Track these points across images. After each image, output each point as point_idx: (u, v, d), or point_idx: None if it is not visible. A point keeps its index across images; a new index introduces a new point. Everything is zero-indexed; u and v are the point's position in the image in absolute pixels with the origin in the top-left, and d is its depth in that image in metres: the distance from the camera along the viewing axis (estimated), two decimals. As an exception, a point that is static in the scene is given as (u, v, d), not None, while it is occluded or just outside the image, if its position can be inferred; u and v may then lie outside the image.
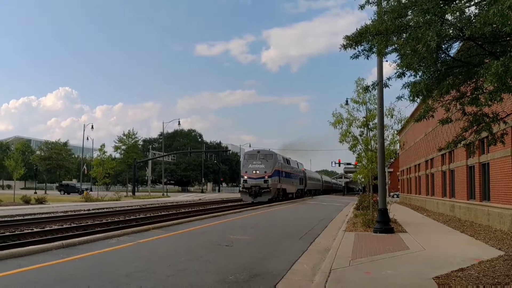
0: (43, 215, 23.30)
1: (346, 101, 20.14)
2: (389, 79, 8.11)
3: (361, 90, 18.16)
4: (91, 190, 61.22)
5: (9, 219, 20.84)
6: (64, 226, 18.21)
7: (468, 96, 8.23)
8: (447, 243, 13.44)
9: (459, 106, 8.80)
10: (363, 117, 18.87)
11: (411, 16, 6.63)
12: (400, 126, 19.97)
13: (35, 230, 16.73)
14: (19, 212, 24.16)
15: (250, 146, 78.81)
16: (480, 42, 6.83)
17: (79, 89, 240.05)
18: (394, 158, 43.66)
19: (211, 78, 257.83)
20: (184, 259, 10.49)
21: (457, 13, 6.15)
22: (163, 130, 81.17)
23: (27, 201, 33.39)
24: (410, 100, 7.58)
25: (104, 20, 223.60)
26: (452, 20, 6.37)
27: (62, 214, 24.53)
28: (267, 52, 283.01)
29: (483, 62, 6.99)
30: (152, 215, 25.14)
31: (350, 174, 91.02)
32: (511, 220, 15.43)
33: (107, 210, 27.98)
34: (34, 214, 23.66)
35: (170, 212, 27.60)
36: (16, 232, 15.80)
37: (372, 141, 19.06)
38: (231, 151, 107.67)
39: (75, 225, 18.85)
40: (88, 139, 71.75)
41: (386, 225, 15.64)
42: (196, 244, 13.08)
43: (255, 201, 38.66)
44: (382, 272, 8.78)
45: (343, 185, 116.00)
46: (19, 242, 13.24)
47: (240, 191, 42.70)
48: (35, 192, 55.62)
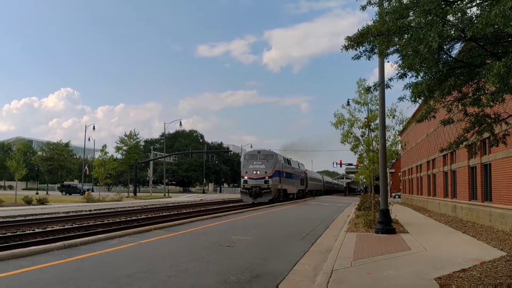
0: (45, 216, 23.31)
1: (348, 101, 20.14)
2: (390, 80, 8.12)
3: (362, 91, 18.19)
4: (93, 191, 61.34)
5: (11, 219, 20.88)
6: (66, 227, 18.23)
7: (470, 97, 8.22)
8: (449, 243, 13.43)
9: (460, 107, 8.78)
10: (365, 117, 18.88)
11: (413, 17, 6.62)
12: (401, 126, 19.97)
13: (36, 230, 16.75)
14: (21, 213, 24.19)
15: (252, 147, 78.65)
16: (482, 43, 6.82)
17: (81, 89, 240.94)
18: (395, 159, 43.69)
19: (213, 79, 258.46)
20: (185, 259, 10.50)
21: (458, 14, 6.15)
22: (165, 131, 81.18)
23: (28, 201, 33.43)
24: (412, 101, 7.60)
25: (106, 21, 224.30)
26: (454, 21, 6.37)
27: (64, 215, 24.56)
28: (268, 52, 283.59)
29: (485, 63, 6.98)
30: (153, 215, 25.17)
31: (351, 175, 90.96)
32: (513, 220, 15.41)
33: (109, 211, 28.00)
34: (36, 215, 23.69)
35: (172, 213, 27.63)
36: (18, 233, 15.83)
37: (373, 141, 19.05)
38: (232, 152, 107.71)
39: (77, 225, 18.87)
40: (89, 139, 72.06)
41: (387, 225, 15.63)
42: (197, 244, 13.09)
43: (255, 201, 38.26)
44: (384, 272, 8.79)
45: (344, 185, 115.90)
46: (21, 242, 13.26)
47: (240, 192, 42.31)
48: (37, 193, 55.70)
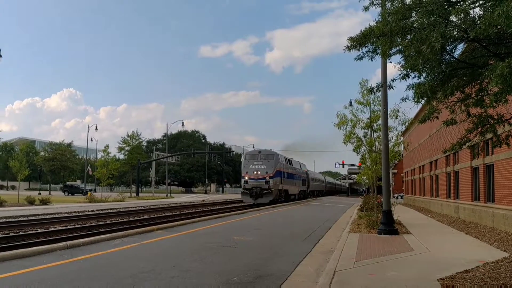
0: (47, 216, 23.35)
1: (350, 102, 20.14)
2: (393, 80, 8.12)
3: (365, 92, 18.16)
4: (95, 191, 61.43)
5: (13, 219, 20.94)
6: (69, 227, 18.26)
7: (472, 98, 8.21)
8: (452, 244, 13.41)
9: (463, 108, 8.78)
10: (367, 118, 18.85)
11: (416, 17, 6.62)
12: (404, 127, 19.95)
13: (39, 231, 16.79)
14: (24, 213, 24.24)
15: (254, 147, 78.63)
16: (484, 44, 6.82)
17: (83, 90, 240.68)
18: (398, 160, 43.60)
19: (215, 79, 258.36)
20: (188, 260, 10.51)
21: (461, 14, 6.14)
22: (167, 131, 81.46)
23: (31, 202, 33.53)
24: (415, 102, 7.57)
25: (108, 21, 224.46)
26: (457, 21, 6.36)
27: (66, 215, 24.60)
28: (271, 53, 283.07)
29: (488, 63, 6.98)
30: (156, 216, 25.20)
31: (354, 175, 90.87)
32: (516, 221, 15.38)
33: (111, 211, 28.04)
34: (38, 215, 23.74)
35: (174, 213, 27.67)
36: (21, 233, 15.86)
37: (376, 142, 19.02)
38: (234, 152, 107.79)
39: (79, 226, 18.91)
40: (92, 140, 72.33)
41: (390, 226, 15.61)
42: (200, 245, 13.09)
43: (256, 202, 37.89)
44: (387, 273, 8.77)
45: (347, 186, 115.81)
46: (23, 242, 13.30)
47: (241, 192, 41.85)
48: (39, 193, 55.76)
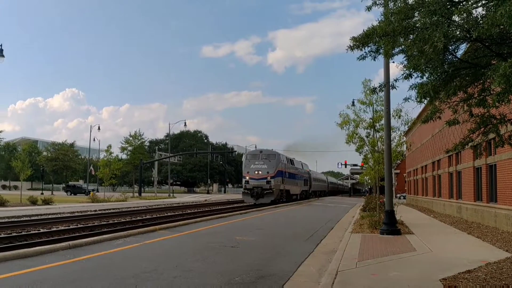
0: (50, 216, 23.40)
1: (353, 102, 20.10)
2: (396, 80, 8.11)
3: (368, 92, 18.13)
4: (98, 191, 61.48)
5: (16, 219, 20.98)
6: (71, 227, 18.30)
7: (475, 98, 8.19)
8: (454, 244, 13.39)
9: (466, 108, 8.76)
10: (370, 118, 18.81)
11: (418, 17, 6.62)
12: (406, 127, 19.92)
13: (42, 230, 16.82)
14: (26, 213, 24.28)
15: (256, 147, 78.57)
16: (487, 44, 6.80)
17: (86, 90, 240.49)
18: (400, 160, 43.52)
19: (217, 79, 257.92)
20: (190, 260, 10.51)
21: (464, 14, 6.13)
22: (169, 131, 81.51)
23: (33, 202, 33.57)
24: (417, 102, 7.58)
25: (110, 22, 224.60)
26: (459, 21, 6.36)
27: (69, 215, 24.65)
28: (273, 53, 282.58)
29: (491, 63, 6.97)
30: (158, 216, 25.23)
31: (356, 176, 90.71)
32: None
33: (114, 211, 28.09)
34: (41, 215, 23.78)
35: (176, 213, 27.70)
36: (23, 233, 15.90)
37: (378, 142, 19.00)
38: (236, 152, 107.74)
39: (82, 225, 18.94)
40: (94, 140, 72.34)
41: (392, 226, 15.60)
42: (202, 245, 13.10)
43: (257, 202, 37.56)
44: (389, 273, 8.77)
45: (349, 186, 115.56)
46: (26, 242, 13.33)
47: (242, 192, 41.38)
48: (42, 193, 55.85)
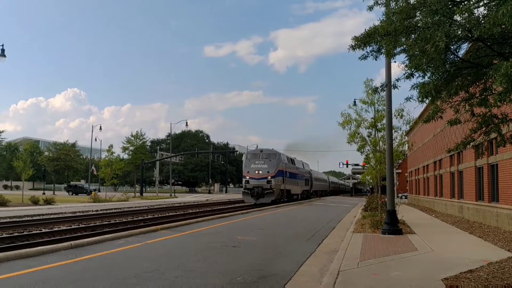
0: (52, 216, 23.42)
1: (354, 102, 20.12)
2: (397, 80, 8.10)
3: (370, 91, 18.14)
4: (99, 191, 61.59)
5: (17, 219, 20.99)
6: (73, 227, 18.31)
7: (477, 97, 8.18)
8: (456, 244, 13.38)
9: (468, 107, 8.75)
10: (372, 118, 18.83)
11: (420, 17, 6.61)
12: (408, 127, 19.91)
13: (43, 230, 16.83)
14: (28, 213, 24.32)
15: (257, 147, 78.62)
16: (489, 43, 6.80)
17: (88, 90, 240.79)
18: (402, 159, 43.51)
19: (218, 79, 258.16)
20: (192, 260, 10.52)
21: (465, 14, 6.13)
22: (171, 131, 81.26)
23: (35, 201, 33.60)
24: (419, 101, 7.57)
25: (112, 22, 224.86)
26: (461, 21, 6.35)
27: (71, 215, 24.67)
28: (274, 53, 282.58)
29: (492, 63, 6.96)
30: (160, 215, 25.24)
31: (358, 175, 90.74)
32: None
33: (115, 211, 28.10)
34: (43, 215, 23.80)
35: (178, 213, 27.70)
36: (25, 233, 15.91)
37: (380, 142, 19.00)
38: (238, 152, 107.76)
39: (84, 225, 18.95)
40: (96, 140, 72.36)
41: (394, 226, 15.59)
42: (203, 245, 13.10)
43: (257, 202, 37.14)
44: (391, 273, 8.76)
45: (350, 186, 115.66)
46: (27, 242, 13.34)
47: (242, 192, 40.92)
48: (43, 193, 55.95)
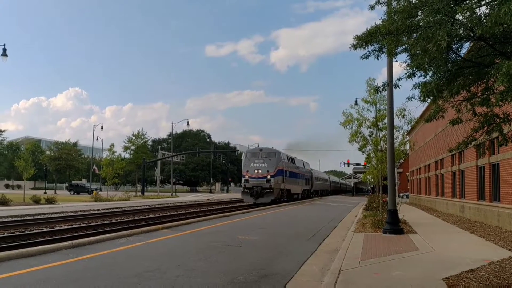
0: (53, 215, 23.46)
1: (356, 101, 20.11)
2: (399, 79, 8.08)
3: (372, 90, 18.11)
4: (101, 190, 61.64)
5: (19, 219, 21.01)
6: (74, 226, 18.32)
7: (478, 97, 8.17)
8: (457, 244, 13.36)
9: (469, 107, 8.73)
10: (373, 117, 18.81)
11: (422, 16, 6.60)
12: (410, 126, 19.89)
13: (45, 230, 16.84)
14: (29, 212, 24.34)
15: (258, 146, 78.58)
16: (491, 42, 6.78)
17: (89, 89, 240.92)
18: (403, 159, 43.49)
19: (219, 79, 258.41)
20: (193, 259, 10.52)
21: (467, 13, 6.11)
22: (172, 131, 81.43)
23: (37, 201, 33.63)
24: (421, 101, 7.54)
25: (113, 21, 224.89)
26: (463, 20, 6.33)
27: (72, 214, 24.69)
28: (275, 52, 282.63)
29: (494, 62, 6.94)
30: (161, 215, 25.25)
31: (359, 175, 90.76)
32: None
33: (117, 210, 28.11)
34: (44, 214, 23.83)
35: (179, 212, 27.70)
36: (26, 232, 15.92)
37: (381, 141, 18.99)
38: (239, 151, 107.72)
39: (85, 225, 18.97)
40: (97, 139, 72.65)
41: (395, 226, 15.58)
42: (205, 244, 13.11)
43: (256, 202, 36.56)
44: (392, 273, 8.75)
45: (352, 185, 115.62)
46: (29, 242, 13.35)
47: (241, 192, 40.29)
48: (45, 192, 55.96)
